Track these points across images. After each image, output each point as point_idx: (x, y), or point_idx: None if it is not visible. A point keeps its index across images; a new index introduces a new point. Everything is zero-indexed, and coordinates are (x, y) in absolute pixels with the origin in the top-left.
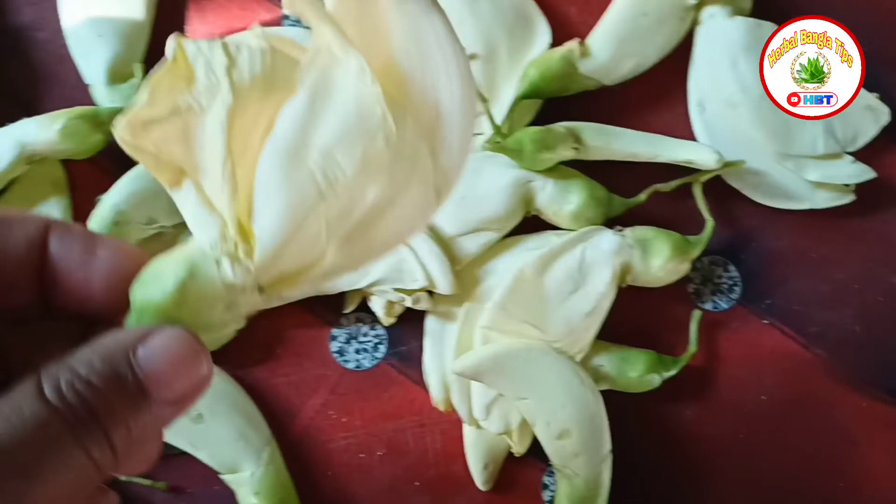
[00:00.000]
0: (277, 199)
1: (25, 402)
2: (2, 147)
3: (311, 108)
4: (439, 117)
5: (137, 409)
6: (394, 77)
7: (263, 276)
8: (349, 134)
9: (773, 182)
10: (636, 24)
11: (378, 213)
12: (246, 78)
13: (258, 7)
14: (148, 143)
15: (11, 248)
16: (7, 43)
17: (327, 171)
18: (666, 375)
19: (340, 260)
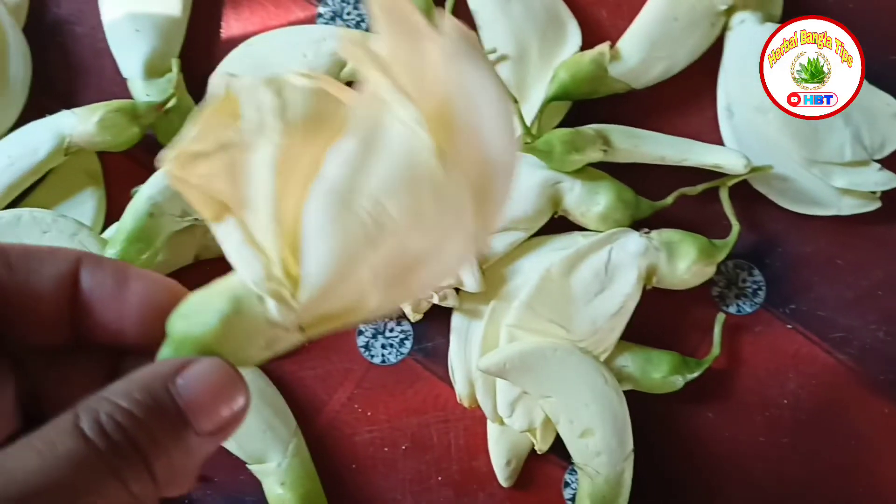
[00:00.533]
0: (326, 242)
1: (60, 439)
2: (41, 138)
3: (361, 154)
4: (484, 167)
5: (178, 439)
6: (441, 125)
7: (306, 316)
8: (399, 182)
9: (800, 188)
10: (667, 28)
11: (421, 258)
12: (294, 118)
13: (293, 5)
14: (194, 177)
15: (43, 283)
16: (46, 36)
17: (376, 217)
18: (689, 377)
19: (381, 302)
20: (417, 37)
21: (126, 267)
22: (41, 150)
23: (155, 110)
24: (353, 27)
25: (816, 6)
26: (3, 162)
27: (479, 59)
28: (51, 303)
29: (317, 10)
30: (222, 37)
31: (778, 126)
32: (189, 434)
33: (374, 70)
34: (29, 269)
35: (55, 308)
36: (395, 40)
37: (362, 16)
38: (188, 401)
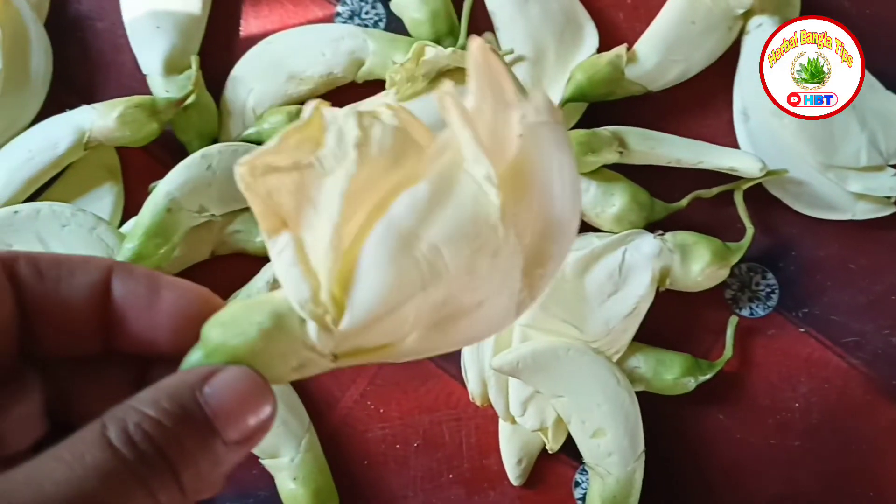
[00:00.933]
0: (379, 278)
1: (87, 449)
2: (61, 132)
3: (431, 202)
4: (543, 237)
5: (206, 448)
6: (510, 187)
7: (343, 345)
8: (460, 234)
9: (815, 192)
10: (684, 31)
11: (465, 310)
12: (373, 153)
13: (311, 4)
14: (262, 186)
15: (74, 292)
16: (67, 31)
17: (433, 263)
18: (701, 379)
19: (417, 346)
20: (505, 99)
21: (157, 276)
22: (61, 144)
23: (174, 107)
24: (370, 27)
25: (832, 10)
26: (23, 156)
27: (561, 133)
28: (81, 312)
29: (335, 9)
30: (241, 34)
31: (793, 130)
32: (216, 443)
33: (460, 122)
34: (59, 277)
35: (85, 317)
36: (483, 97)
37: (380, 15)
38: (216, 409)
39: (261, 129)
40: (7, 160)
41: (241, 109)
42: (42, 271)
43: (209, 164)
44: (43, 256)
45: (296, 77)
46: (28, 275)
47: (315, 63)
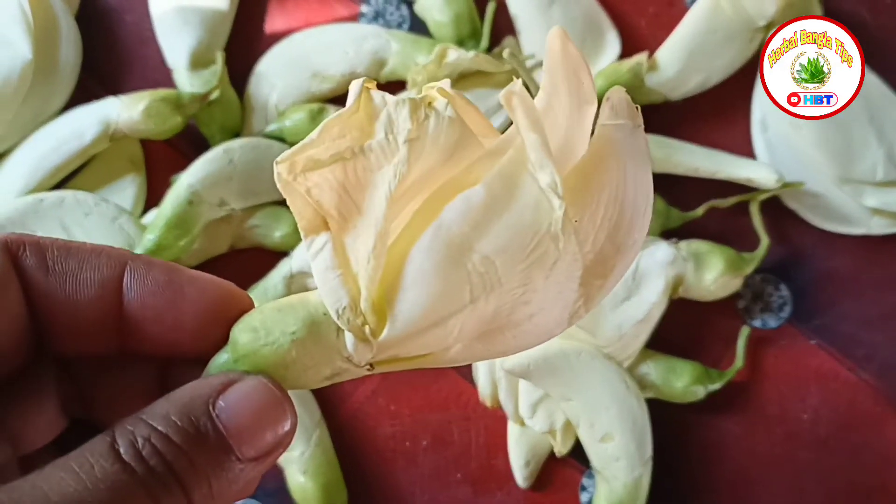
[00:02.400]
0: (426, 290)
1: (97, 461)
2: (87, 123)
3: (486, 207)
4: (605, 249)
5: (219, 466)
6: (575, 193)
7: (379, 356)
8: (518, 247)
9: (831, 205)
10: (705, 41)
11: (513, 322)
12: (426, 149)
13: (336, 3)
14: (302, 184)
15: (83, 289)
16: (96, 23)
17: (484, 275)
18: (711, 388)
19: (459, 356)
20: (580, 95)
21: (179, 270)
22: (87, 134)
23: (198, 101)
24: (394, 27)
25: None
26: (50, 144)
27: (639, 138)
28: (91, 311)
29: (360, 9)
30: (266, 31)
31: (811, 142)
32: (231, 460)
33: (527, 123)
34: (67, 271)
35: (96, 317)
36: (556, 93)
37: (403, 17)
38: (229, 425)
39: (282, 125)
40: (34, 148)
41: (263, 105)
42: (49, 266)
43: (231, 158)
44: (52, 245)
45: (319, 75)
46: (33, 267)
47: (338, 62)
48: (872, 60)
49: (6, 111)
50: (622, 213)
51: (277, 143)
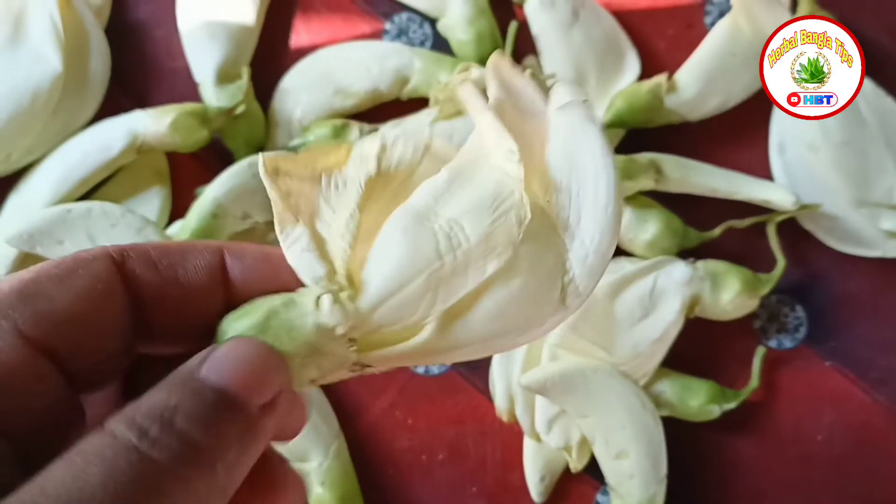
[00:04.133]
0: (394, 251)
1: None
2: (115, 135)
3: (449, 184)
4: (576, 228)
5: (227, 416)
6: (541, 182)
7: (359, 329)
8: (482, 205)
9: (847, 228)
10: (724, 63)
11: (489, 301)
12: (392, 163)
13: (360, 20)
14: (281, 185)
15: (193, 278)
16: (125, 37)
17: (451, 234)
18: (726, 407)
19: (436, 341)
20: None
21: (270, 248)
22: (115, 147)
23: (224, 115)
24: (417, 45)
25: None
26: (77, 156)
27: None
28: (203, 298)
29: (383, 27)
30: (291, 47)
31: (828, 165)
32: (237, 410)
33: (479, 106)
34: (174, 264)
35: (208, 303)
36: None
37: (426, 35)
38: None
39: (306, 139)
40: (63, 159)
41: (287, 120)
42: (155, 262)
43: (255, 171)
44: (151, 246)
45: (342, 91)
46: (141, 266)
47: (362, 78)
48: (891, 85)
49: (36, 123)
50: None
51: None
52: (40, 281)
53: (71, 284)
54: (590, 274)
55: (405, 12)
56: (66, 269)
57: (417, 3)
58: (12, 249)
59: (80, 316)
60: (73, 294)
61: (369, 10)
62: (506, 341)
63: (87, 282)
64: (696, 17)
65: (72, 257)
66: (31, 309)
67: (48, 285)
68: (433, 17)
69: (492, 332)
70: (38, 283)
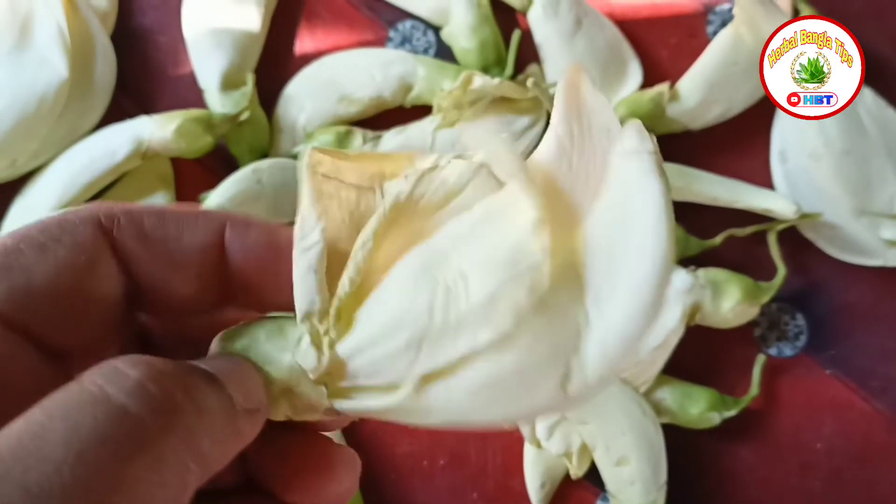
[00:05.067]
0: (390, 298)
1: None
2: (120, 141)
3: (474, 227)
4: (606, 302)
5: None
6: (584, 234)
7: (333, 376)
8: (497, 261)
9: (848, 237)
10: (726, 72)
11: (473, 372)
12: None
13: (364, 28)
14: (318, 183)
15: (184, 254)
16: (131, 43)
17: (452, 289)
18: (726, 415)
19: (410, 404)
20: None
21: (277, 229)
22: (119, 152)
23: (229, 122)
24: (420, 53)
25: (879, 63)
26: (83, 161)
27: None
28: (195, 273)
29: (387, 34)
30: (296, 53)
31: (829, 174)
32: (222, 391)
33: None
34: (168, 237)
35: (201, 277)
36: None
37: (430, 43)
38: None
39: (310, 146)
40: (68, 165)
41: (292, 126)
42: (147, 234)
43: (259, 178)
44: (146, 213)
45: (346, 98)
46: (129, 236)
47: (365, 85)
48: (892, 94)
49: (42, 128)
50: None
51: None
52: (20, 250)
53: (53, 254)
54: (604, 363)
55: (409, 20)
56: (50, 236)
57: (421, 11)
58: None
59: (60, 290)
60: (54, 266)
61: (373, 18)
62: (486, 421)
63: (69, 252)
64: (698, 26)
65: (58, 219)
66: (5, 285)
67: (28, 255)
68: (437, 25)
69: (471, 408)
70: (17, 252)
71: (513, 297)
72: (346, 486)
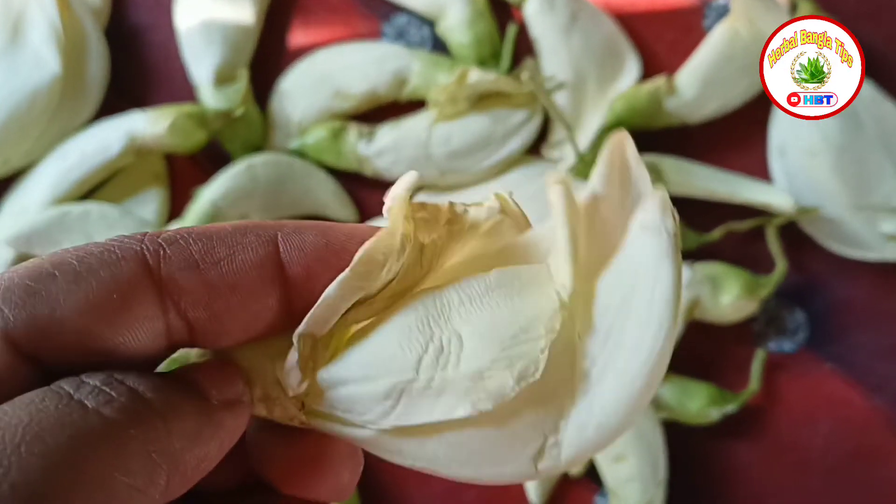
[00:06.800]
0: (384, 341)
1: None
2: (113, 137)
3: (487, 291)
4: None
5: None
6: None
7: (310, 398)
8: (496, 336)
9: (847, 231)
10: (723, 66)
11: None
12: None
13: (359, 22)
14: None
15: (240, 272)
16: (124, 39)
17: (445, 348)
18: (725, 410)
19: (381, 444)
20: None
21: (333, 228)
22: (113, 148)
23: (223, 118)
24: (416, 47)
25: (875, 56)
26: (76, 157)
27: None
28: (255, 290)
29: (382, 29)
30: (290, 48)
31: (828, 169)
32: (195, 392)
33: (564, 220)
34: (219, 259)
35: (262, 294)
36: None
37: (425, 37)
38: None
39: (304, 141)
40: (61, 161)
41: (286, 122)
42: (197, 260)
43: (253, 173)
44: (192, 237)
45: (341, 93)
46: (179, 268)
47: (360, 80)
48: (890, 90)
49: (35, 124)
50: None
51: (299, 160)
52: (52, 276)
53: (86, 287)
54: (579, 447)
55: (404, 14)
56: (87, 267)
57: (416, 6)
58: (10, 250)
59: (86, 327)
60: (84, 301)
61: (368, 13)
62: (454, 477)
63: (103, 288)
64: (694, 20)
65: (101, 248)
66: (27, 312)
67: (60, 284)
68: (432, 20)
69: (441, 463)
70: (48, 278)
71: (500, 380)
72: (346, 479)
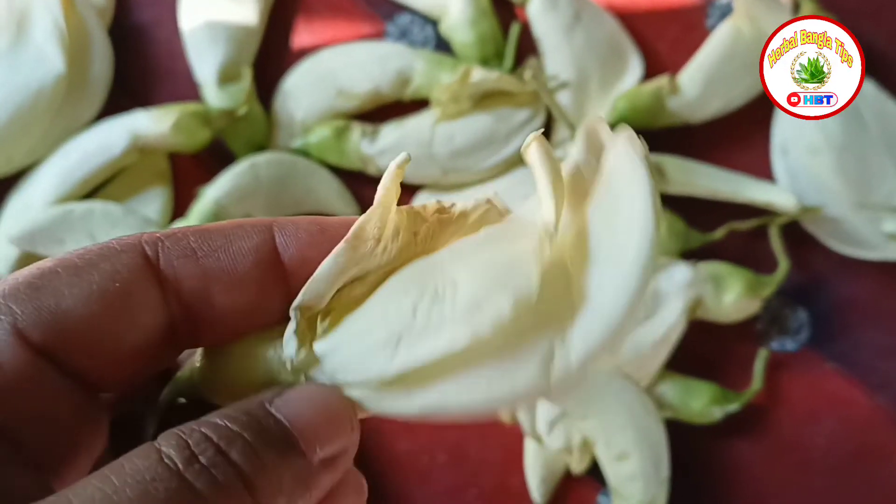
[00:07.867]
0: (377, 301)
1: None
2: (116, 136)
3: (475, 244)
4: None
5: (286, 459)
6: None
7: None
8: (488, 270)
9: (849, 230)
10: (726, 65)
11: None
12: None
13: (362, 22)
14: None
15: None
16: (128, 38)
17: (440, 293)
18: (727, 409)
19: (392, 398)
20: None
21: (325, 219)
22: (116, 147)
23: (226, 117)
24: (419, 46)
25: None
26: (79, 156)
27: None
28: (254, 284)
29: (385, 28)
30: (293, 47)
31: (829, 168)
32: (300, 458)
33: (542, 161)
34: (217, 248)
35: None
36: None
37: (428, 37)
38: (291, 419)
39: (308, 140)
40: (65, 160)
41: (289, 121)
42: (194, 250)
43: (257, 172)
44: (191, 231)
45: (344, 92)
46: (178, 256)
47: (363, 79)
48: (892, 88)
49: (39, 123)
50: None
51: (302, 159)
52: (55, 272)
53: (88, 279)
54: (588, 344)
55: (407, 14)
56: (88, 261)
57: (419, 5)
58: (14, 249)
59: (91, 317)
60: (87, 291)
61: (371, 12)
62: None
63: (105, 278)
64: (697, 19)
65: (100, 246)
66: (33, 305)
67: (62, 278)
68: (435, 19)
69: (453, 393)
70: (51, 274)
71: (497, 305)
72: None
